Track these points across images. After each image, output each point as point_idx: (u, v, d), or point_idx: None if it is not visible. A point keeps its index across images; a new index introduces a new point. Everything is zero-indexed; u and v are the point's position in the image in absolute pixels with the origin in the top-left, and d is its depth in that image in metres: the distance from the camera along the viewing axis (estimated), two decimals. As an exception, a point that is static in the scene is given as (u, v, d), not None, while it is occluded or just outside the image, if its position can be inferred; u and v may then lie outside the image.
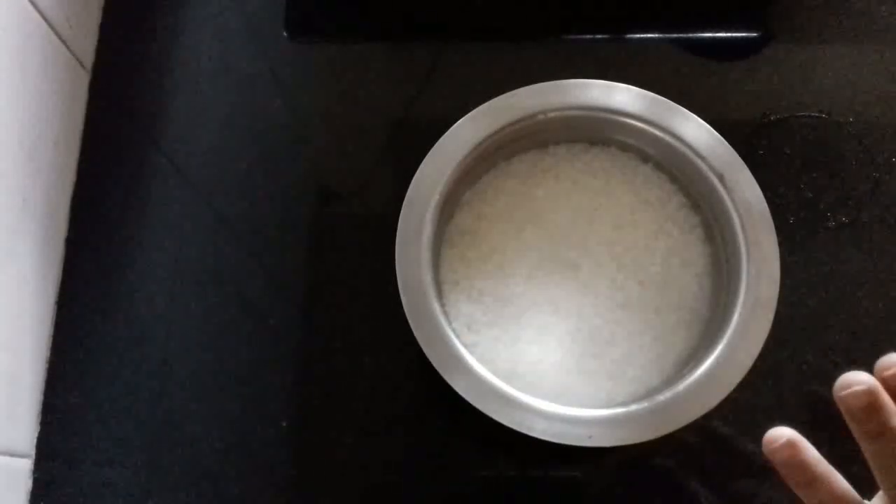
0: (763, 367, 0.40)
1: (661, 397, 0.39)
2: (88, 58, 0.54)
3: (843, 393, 0.29)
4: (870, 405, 0.28)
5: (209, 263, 0.49)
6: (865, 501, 0.30)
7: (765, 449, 0.30)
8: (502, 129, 0.45)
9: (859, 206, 0.50)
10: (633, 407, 0.39)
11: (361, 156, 0.52)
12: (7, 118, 0.45)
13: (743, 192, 0.43)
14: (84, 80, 0.53)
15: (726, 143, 0.44)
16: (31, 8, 0.47)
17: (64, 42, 0.51)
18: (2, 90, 0.44)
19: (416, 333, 0.41)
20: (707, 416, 0.39)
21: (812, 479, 0.29)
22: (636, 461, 0.44)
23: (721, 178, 0.43)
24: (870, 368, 0.37)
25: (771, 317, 0.40)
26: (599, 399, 0.42)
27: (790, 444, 0.29)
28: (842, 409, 0.29)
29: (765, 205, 0.43)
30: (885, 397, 0.29)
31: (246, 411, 0.46)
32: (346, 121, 0.53)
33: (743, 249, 0.42)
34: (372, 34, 0.56)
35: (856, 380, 0.29)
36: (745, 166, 0.43)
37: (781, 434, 0.30)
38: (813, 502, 0.30)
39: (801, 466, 0.29)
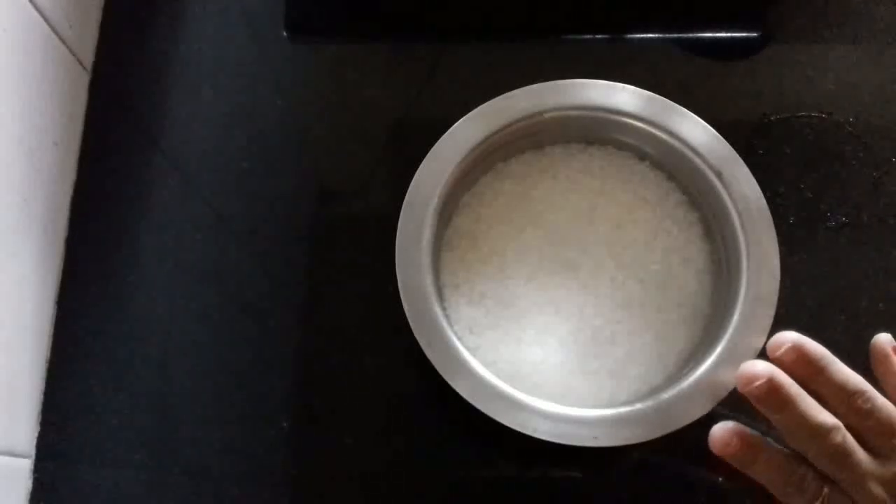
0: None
1: (665, 395, 0.39)
2: (88, 58, 0.54)
3: (746, 389, 0.34)
4: (771, 390, 0.34)
5: (209, 263, 0.49)
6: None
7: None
8: (499, 130, 0.45)
9: (859, 206, 0.50)
10: (638, 406, 0.39)
11: (361, 156, 0.52)
12: (7, 118, 0.45)
13: (741, 187, 0.43)
14: (84, 80, 0.53)
15: (723, 139, 0.44)
16: (31, 8, 0.47)
17: (64, 42, 0.51)
18: (2, 90, 0.44)
19: (418, 338, 0.40)
20: (710, 414, 0.39)
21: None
22: (636, 460, 0.44)
23: (719, 174, 0.43)
24: (870, 369, 0.38)
25: (772, 312, 0.40)
26: (602, 399, 0.42)
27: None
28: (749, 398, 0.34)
29: (763, 200, 0.43)
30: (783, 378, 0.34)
31: (246, 411, 0.46)
32: (346, 121, 0.53)
33: (742, 245, 0.42)
34: (372, 34, 0.56)
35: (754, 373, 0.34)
36: (742, 162, 0.43)
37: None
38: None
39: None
